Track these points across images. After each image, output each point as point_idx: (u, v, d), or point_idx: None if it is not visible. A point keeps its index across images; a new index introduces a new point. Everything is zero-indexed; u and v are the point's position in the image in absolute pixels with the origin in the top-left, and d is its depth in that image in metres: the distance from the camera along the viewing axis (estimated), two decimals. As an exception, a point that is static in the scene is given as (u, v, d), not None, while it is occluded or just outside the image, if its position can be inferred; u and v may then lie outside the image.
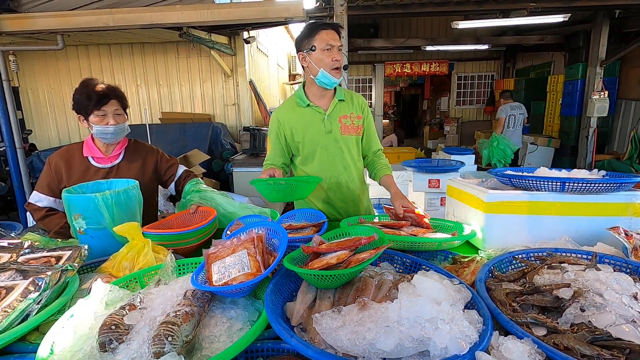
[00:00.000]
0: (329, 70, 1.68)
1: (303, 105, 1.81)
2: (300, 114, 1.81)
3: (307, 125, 1.80)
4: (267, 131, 5.63)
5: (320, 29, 1.66)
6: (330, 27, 1.67)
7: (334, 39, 1.66)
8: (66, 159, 1.75)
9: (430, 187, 3.60)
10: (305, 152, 1.84)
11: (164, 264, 1.11)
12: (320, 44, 1.66)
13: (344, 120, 1.82)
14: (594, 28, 6.05)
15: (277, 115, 1.85)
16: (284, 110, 1.85)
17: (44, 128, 6.69)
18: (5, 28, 4.26)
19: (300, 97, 1.83)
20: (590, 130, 6.24)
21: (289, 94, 12.01)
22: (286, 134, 1.83)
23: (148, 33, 5.39)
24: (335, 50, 1.67)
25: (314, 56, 1.69)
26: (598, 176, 1.52)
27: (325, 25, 1.67)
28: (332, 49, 1.66)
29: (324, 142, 1.81)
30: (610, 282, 0.93)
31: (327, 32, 1.66)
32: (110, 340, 0.77)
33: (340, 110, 1.83)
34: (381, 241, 1.10)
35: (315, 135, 1.81)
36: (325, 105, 1.82)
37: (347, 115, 1.83)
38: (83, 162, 1.75)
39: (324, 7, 4.62)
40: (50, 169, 1.73)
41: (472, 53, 10.17)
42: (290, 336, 0.75)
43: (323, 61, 1.68)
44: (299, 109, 1.82)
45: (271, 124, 1.86)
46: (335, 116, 1.81)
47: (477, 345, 0.73)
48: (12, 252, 1.12)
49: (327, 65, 1.68)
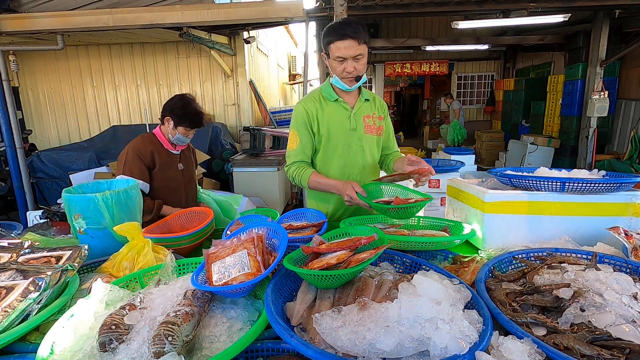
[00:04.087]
0: (341, 78, 1.66)
1: (331, 100, 1.75)
2: (327, 108, 1.74)
3: (333, 120, 1.74)
4: (267, 131, 5.67)
5: (334, 39, 1.57)
6: (347, 37, 1.55)
7: (348, 48, 1.56)
8: (152, 145, 2.10)
9: (430, 187, 3.60)
10: (329, 148, 1.77)
11: (164, 264, 1.11)
12: (332, 54, 1.61)
13: (367, 119, 1.79)
14: (594, 28, 6.05)
15: (304, 105, 1.74)
16: (311, 101, 1.75)
17: (44, 128, 6.69)
18: (5, 28, 4.27)
19: (327, 90, 1.76)
20: (590, 130, 6.24)
21: (289, 94, 12.02)
22: (313, 125, 1.74)
23: (148, 33, 5.39)
24: (348, 61, 1.59)
25: (329, 61, 1.66)
26: (598, 176, 1.52)
27: (339, 36, 1.56)
28: (344, 60, 1.59)
29: (348, 140, 1.76)
30: (610, 282, 0.93)
31: (341, 42, 1.56)
32: (111, 340, 0.77)
33: (365, 110, 1.79)
34: (381, 241, 1.10)
35: (340, 132, 1.75)
36: (351, 102, 1.77)
37: (370, 115, 1.80)
38: (165, 151, 2.16)
39: (324, 7, 4.62)
40: (140, 157, 2.03)
41: (472, 53, 10.17)
42: (290, 336, 0.75)
43: (335, 70, 1.65)
44: (326, 103, 1.75)
45: (297, 115, 1.75)
46: (360, 114, 1.77)
47: (477, 345, 0.73)
48: (12, 252, 1.12)
49: (338, 74, 1.65)
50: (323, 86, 1.79)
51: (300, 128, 1.75)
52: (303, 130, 1.74)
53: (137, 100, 6.48)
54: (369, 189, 1.57)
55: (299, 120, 1.74)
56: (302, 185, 1.75)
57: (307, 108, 1.73)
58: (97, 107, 6.61)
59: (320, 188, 1.72)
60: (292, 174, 1.77)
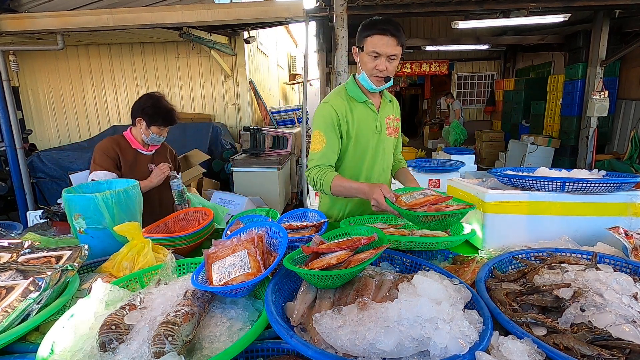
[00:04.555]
0: (369, 76, 1.57)
1: (359, 101, 1.65)
2: (356, 109, 1.64)
3: (362, 122, 1.64)
4: (267, 131, 5.67)
5: (374, 33, 1.49)
6: (387, 33, 1.48)
7: (386, 45, 1.48)
8: (118, 146, 2.04)
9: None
10: (357, 151, 1.67)
11: (164, 264, 1.11)
12: (368, 48, 1.52)
13: (389, 121, 1.73)
14: (594, 28, 6.04)
15: (332, 105, 1.62)
16: (339, 101, 1.64)
17: (44, 128, 6.69)
18: (5, 28, 4.27)
19: (354, 91, 1.65)
20: (590, 130, 6.24)
21: (289, 94, 12.01)
22: (342, 127, 1.62)
23: (148, 33, 5.39)
24: (382, 59, 1.51)
25: (361, 55, 1.57)
26: (598, 176, 1.52)
27: (380, 30, 1.48)
28: (378, 57, 1.51)
29: (373, 143, 1.68)
30: (610, 282, 0.93)
31: (381, 37, 1.48)
32: (111, 340, 0.77)
33: (387, 111, 1.73)
34: (381, 241, 1.10)
35: (369, 134, 1.66)
36: (377, 103, 1.70)
37: (390, 116, 1.75)
38: (133, 151, 2.09)
39: (324, 7, 4.62)
40: (107, 155, 1.98)
41: (472, 53, 10.17)
42: (290, 336, 0.75)
43: (366, 65, 1.56)
44: (354, 104, 1.65)
45: (325, 115, 1.61)
46: (383, 116, 1.70)
47: (477, 345, 0.73)
48: (12, 252, 1.12)
49: (368, 70, 1.56)
50: (348, 85, 1.68)
51: (328, 129, 1.61)
52: (330, 132, 1.61)
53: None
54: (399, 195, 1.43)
55: (327, 121, 1.61)
56: (323, 191, 1.58)
57: (336, 108, 1.61)
58: (97, 107, 6.61)
59: (345, 193, 1.55)
60: (313, 177, 1.61)
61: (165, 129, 2.10)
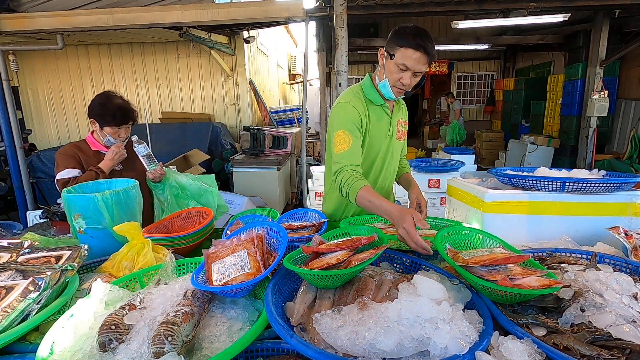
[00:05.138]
0: (392, 85, 1.52)
1: (376, 104, 1.62)
2: (373, 112, 1.61)
3: (377, 125, 1.62)
4: (267, 131, 5.67)
5: (409, 46, 1.42)
6: (421, 50, 1.41)
7: (417, 61, 1.43)
8: (78, 150, 1.93)
9: (430, 187, 3.60)
10: (371, 154, 1.65)
11: (164, 264, 1.11)
12: (398, 59, 1.46)
13: (399, 125, 1.72)
14: (594, 28, 6.04)
15: (354, 105, 1.56)
16: (359, 102, 1.59)
17: (44, 128, 6.69)
18: (5, 28, 4.26)
19: (371, 93, 1.61)
20: (590, 130, 6.24)
21: (289, 93, 12.01)
22: (362, 128, 1.58)
23: (148, 33, 5.39)
24: (409, 73, 1.47)
25: (388, 62, 1.50)
26: (598, 176, 1.52)
27: (416, 46, 1.41)
28: (406, 70, 1.46)
29: (385, 146, 1.67)
30: (610, 282, 0.93)
31: (415, 53, 1.41)
32: (110, 340, 0.77)
33: (399, 115, 1.72)
34: (381, 241, 1.10)
35: (380, 138, 1.64)
36: (390, 107, 1.69)
37: (401, 120, 1.74)
38: (94, 153, 1.96)
39: (324, 7, 4.61)
40: (68, 155, 1.89)
41: (472, 53, 10.17)
42: (290, 336, 0.75)
43: (392, 75, 1.50)
44: (371, 107, 1.62)
45: (348, 114, 1.55)
46: (395, 120, 1.69)
47: (477, 345, 0.73)
48: (12, 252, 1.12)
49: (392, 81, 1.51)
50: (365, 87, 1.63)
51: (353, 129, 1.54)
52: (355, 131, 1.54)
53: (136, 100, 6.47)
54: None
55: (352, 119, 1.54)
56: (348, 198, 1.46)
57: (358, 109, 1.56)
58: (97, 107, 6.61)
59: (369, 207, 1.40)
60: (341, 180, 1.47)
61: (121, 128, 1.93)
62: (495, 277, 0.90)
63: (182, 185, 2.00)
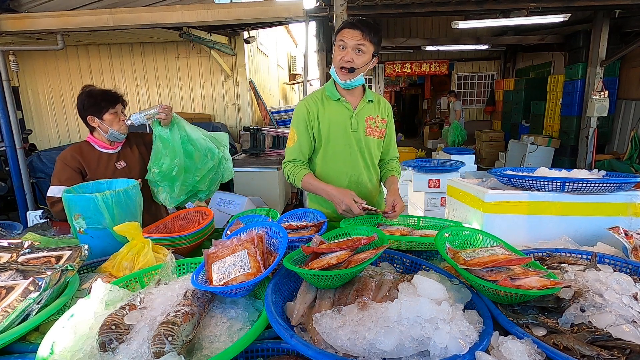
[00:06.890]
0: (337, 68, 1.64)
1: (333, 99, 1.74)
2: (329, 107, 1.74)
3: (334, 119, 1.74)
4: (267, 131, 5.67)
5: (343, 27, 1.61)
6: (353, 27, 1.58)
7: (351, 37, 1.57)
8: (80, 152, 1.94)
9: (430, 187, 3.60)
10: (329, 147, 1.77)
11: (164, 264, 1.11)
12: (337, 41, 1.62)
13: (370, 121, 1.78)
14: (594, 28, 6.05)
15: (305, 104, 1.75)
16: (313, 100, 1.76)
17: (44, 128, 6.69)
18: (5, 28, 4.27)
19: (330, 90, 1.76)
20: (590, 130, 6.24)
21: (289, 94, 12.02)
22: (313, 125, 1.75)
23: (148, 33, 5.39)
24: (348, 49, 1.59)
25: (334, 49, 1.65)
26: (598, 176, 1.52)
27: (349, 25, 1.59)
28: (345, 47, 1.59)
29: (349, 140, 1.75)
30: (610, 282, 0.93)
31: (347, 30, 1.58)
32: (111, 340, 0.77)
33: (368, 111, 1.78)
34: (381, 241, 1.10)
35: (340, 132, 1.75)
36: (354, 102, 1.77)
37: (373, 117, 1.79)
38: (96, 153, 1.98)
39: (324, 7, 4.62)
40: (67, 164, 1.89)
41: (472, 53, 10.17)
42: (290, 336, 0.75)
43: (335, 58, 1.64)
44: (328, 102, 1.75)
45: (298, 113, 1.76)
46: (362, 116, 1.76)
47: (477, 345, 0.73)
48: (12, 252, 1.12)
49: (336, 63, 1.64)
50: (327, 85, 1.78)
51: (300, 126, 1.75)
52: (302, 129, 1.75)
53: (137, 100, 6.47)
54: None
55: (300, 118, 1.75)
56: (295, 185, 1.76)
57: (308, 107, 1.74)
58: (97, 107, 6.61)
59: (313, 190, 1.72)
60: (288, 172, 1.78)
61: (118, 108, 1.94)
62: (495, 277, 0.90)
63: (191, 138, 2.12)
